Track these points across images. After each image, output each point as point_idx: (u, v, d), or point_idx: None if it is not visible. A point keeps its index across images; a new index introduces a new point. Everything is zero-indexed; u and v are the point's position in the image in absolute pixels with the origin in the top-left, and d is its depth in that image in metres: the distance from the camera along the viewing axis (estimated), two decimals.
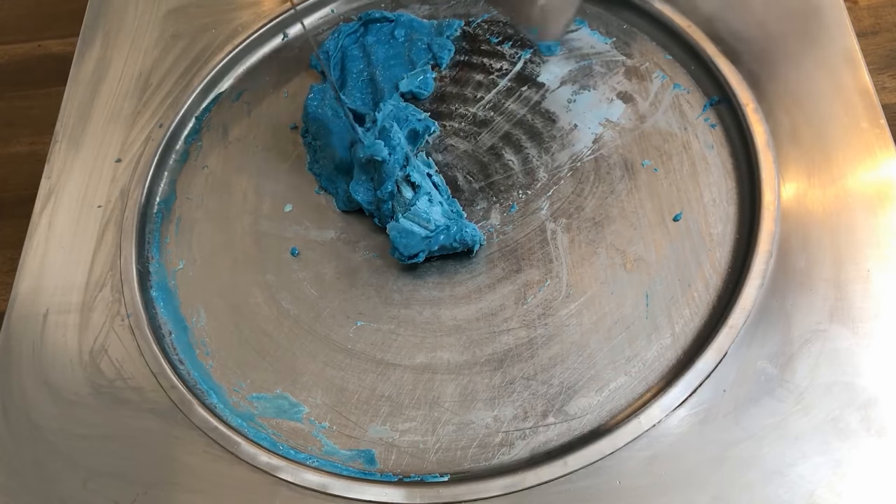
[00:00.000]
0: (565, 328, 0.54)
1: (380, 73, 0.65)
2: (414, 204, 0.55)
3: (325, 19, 0.71)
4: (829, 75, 0.58)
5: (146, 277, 0.61)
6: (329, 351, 0.56)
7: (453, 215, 0.57)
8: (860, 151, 0.55)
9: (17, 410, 0.55)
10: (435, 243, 0.55)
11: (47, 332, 0.58)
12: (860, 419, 0.47)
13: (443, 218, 0.55)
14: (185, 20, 0.73)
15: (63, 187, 0.65)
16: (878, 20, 0.88)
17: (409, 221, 0.55)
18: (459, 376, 0.53)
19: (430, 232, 0.55)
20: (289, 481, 0.50)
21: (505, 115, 0.63)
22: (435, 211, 0.55)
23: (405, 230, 0.55)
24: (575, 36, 0.66)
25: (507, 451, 0.50)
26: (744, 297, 0.51)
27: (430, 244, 0.55)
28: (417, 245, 0.55)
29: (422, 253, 0.55)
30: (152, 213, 0.64)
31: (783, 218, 0.54)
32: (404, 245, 0.55)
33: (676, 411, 0.49)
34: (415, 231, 0.55)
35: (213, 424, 0.52)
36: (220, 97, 0.69)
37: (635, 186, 0.58)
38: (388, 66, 0.66)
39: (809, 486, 0.45)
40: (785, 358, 0.49)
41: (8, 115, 0.89)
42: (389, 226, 0.56)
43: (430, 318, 0.56)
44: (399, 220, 0.55)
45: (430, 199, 0.56)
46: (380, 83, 0.64)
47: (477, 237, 0.56)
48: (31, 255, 0.62)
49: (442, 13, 0.69)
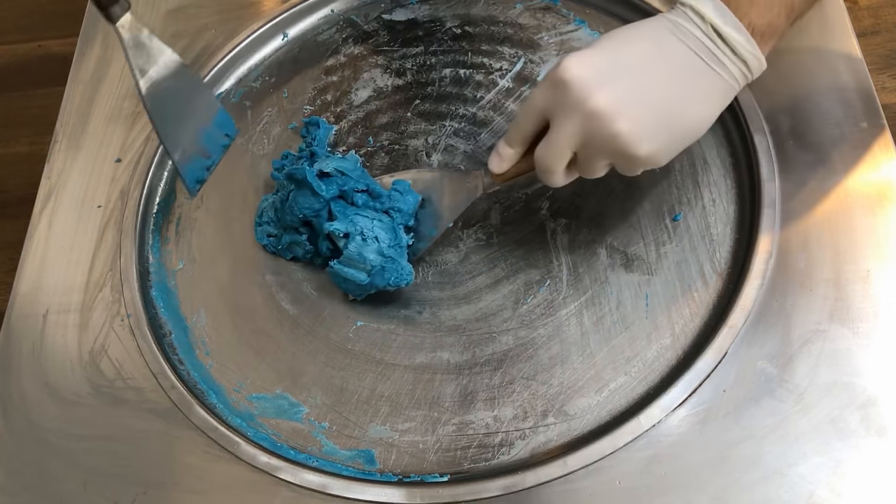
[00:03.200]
0: (565, 328, 0.54)
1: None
2: (346, 248, 0.54)
3: (326, 19, 0.71)
4: (829, 75, 0.58)
5: (146, 277, 0.61)
6: (329, 351, 0.56)
7: (393, 245, 0.54)
8: (860, 151, 0.55)
9: (17, 410, 0.55)
10: (372, 288, 0.54)
11: (47, 332, 0.58)
12: (860, 419, 0.47)
13: (378, 256, 0.53)
14: (185, 20, 0.73)
15: (63, 187, 0.65)
16: (878, 20, 0.88)
17: (344, 267, 0.54)
18: (459, 376, 0.53)
19: (368, 274, 0.53)
20: (289, 481, 0.50)
21: (505, 115, 0.63)
22: (370, 249, 0.53)
23: (342, 277, 0.54)
24: (575, 36, 0.66)
25: (507, 451, 0.50)
26: (744, 297, 0.51)
27: (369, 289, 0.54)
28: (357, 290, 0.55)
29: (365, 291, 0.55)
30: (152, 213, 0.64)
31: (783, 218, 0.54)
32: (346, 290, 0.56)
33: (676, 411, 0.49)
34: (353, 276, 0.54)
35: (213, 424, 0.52)
36: (220, 97, 0.69)
37: (635, 186, 0.58)
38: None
39: (809, 486, 0.45)
40: (785, 358, 0.49)
41: (8, 115, 0.89)
42: (328, 271, 0.55)
43: (429, 318, 0.56)
44: (334, 267, 0.54)
45: (363, 237, 0.54)
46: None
47: (404, 281, 0.54)
48: (31, 255, 0.62)
49: (441, 13, 0.69)
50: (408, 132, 0.64)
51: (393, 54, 0.68)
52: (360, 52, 0.69)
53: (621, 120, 0.45)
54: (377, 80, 0.67)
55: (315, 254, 0.58)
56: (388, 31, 0.70)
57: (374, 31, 0.70)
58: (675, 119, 0.46)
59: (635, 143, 0.45)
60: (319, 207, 0.55)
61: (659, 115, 0.46)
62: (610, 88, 0.45)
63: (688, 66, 0.46)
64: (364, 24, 0.70)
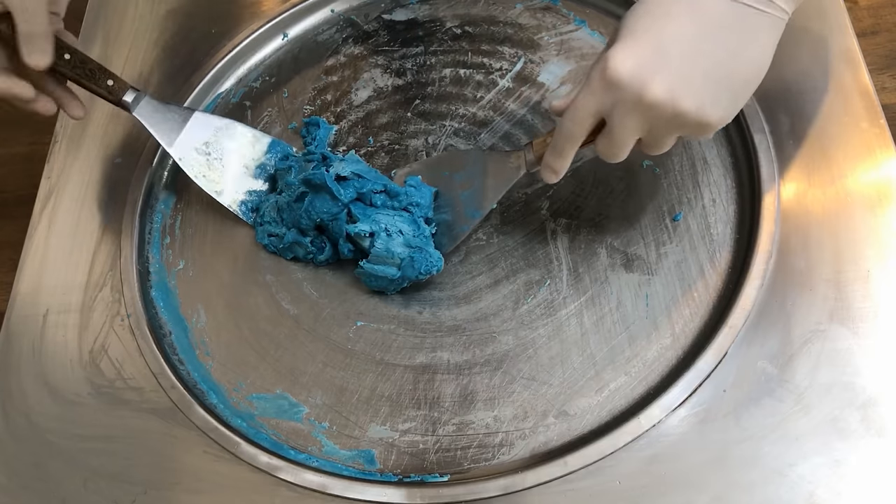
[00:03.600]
0: (565, 328, 0.54)
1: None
2: (372, 247, 0.54)
3: (326, 19, 0.71)
4: (829, 75, 0.58)
5: (146, 277, 0.61)
6: (329, 351, 0.56)
7: (417, 236, 0.55)
8: (860, 151, 0.55)
9: (17, 410, 0.55)
10: (405, 281, 0.55)
11: (47, 332, 0.58)
12: (860, 419, 0.47)
13: (405, 248, 0.54)
14: (185, 20, 0.73)
15: (63, 187, 0.65)
16: (878, 20, 0.88)
17: (373, 265, 0.54)
18: (459, 376, 0.53)
19: (398, 268, 0.54)
20: (289, 481, 0.50)
21: (505, 115, 0.63)
22: (396, 243, 0.54)
23: (373, 276, 0.55)
24: (575, 36, 0.66)
25: (507, 451, 0.50)
26: (744, 297, 0.51)
27: (401, 283, 0.55)
28: (391, 285, 0.56)
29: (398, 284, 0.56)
30: (152, 213, 0.64)
31: (783, 218, 0.54)
32: (378, 287, 0.56)
33: (676, 411, 0.49)
34: (384, 272, 0.54)
35: (213, 424, 0.52)
36: (220, 97, 0.69)
37: (635, 186, 0.58)
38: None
39: (809, 486, 0.45)
40: (785, 358, 0.49)
41: (8, 115, 0.89)
42: (358, 272, 0.56)
43: (430, 318, 0.56)
44: (364, 267, 0.55)
45: (387, 233, 0.54)
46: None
47: (435, 267, 0.55)
48: (31, 255, 0.62)
49: (442, 13, 0.69)
50: (408, 132, 0.64)
51: (393, 54, 0.68)
52: (360, 52, 0.69)
53: (682, 100, 0.43)
54: (377, 80, 0.67)
55: (315, 254, 0.58)
56: (388, 31, 0.70)
57: (374, 31, 0.70)
58: (734, 77, 0.45)
59: (703, 116, 0.44)
60: (338, 211, 0.55)
61: (717, 80, 0.44)
62: (663, 74, 0.43)
63: (732, 18, 0.43)
64: (364, 24, 0.70)
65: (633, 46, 0.44)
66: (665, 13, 0.44)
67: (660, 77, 0.43)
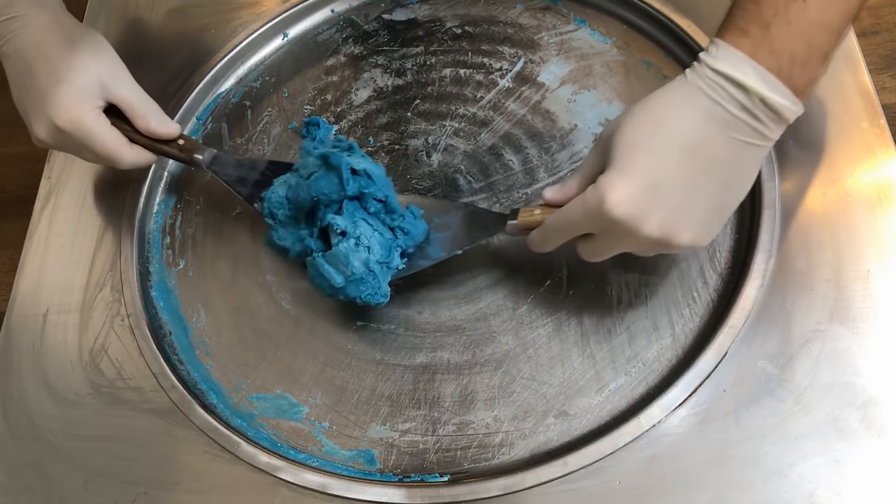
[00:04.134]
0: (565, 328, 0.54)
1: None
2: (336, 245, 0.52)
3: (326, 19, 0.71)
4: (830, 75, 0.58)
5: (146, 277, 0.61)
6: (329, 351, 0.56)
7: (381, 263, 0.53)
8: (860, 151, 0.55)
9: (17, 410, 0.55)
10: (342, 295, 0.53)
11: (47, 332, 0.58)
12: (860, 419, 0.47)
13: (363, 266, 0.52)
14: (185, 20, 0.73)
15: (63, 187, 0.65)
16: (878, 20, 0.88)
17: (325, 263, 0.52)
18: (459, 376, 0.53)
19: (346, 279, 0.52)
20: (289, 481, 0.50)
21: (505, 115, 0.63)
22: (358, 256, 0.52)
23: (318, 273, 0.53)
24: (575, 36, 0.66)
25: (507, 451, 0.50)
26: (744, 297, 0.51)
27: (338, 295, 0.53)
28: (328, 290, 0.53)
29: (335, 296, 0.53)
30: (152, 213, 0.64)
31: (783, 218, 0.54)
32: (317, 286, 0.54)
33: (676, 411, 0.49)
34: (330, 275, 0.52)
35: (213, 424, 0.52)
36: (220, 97, 0.69)
37: None
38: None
39: (809, 486, 0.45)
40: (785, 358, 0.49)
41: (8, 115, 0.89)
42: (308, 260, 0.54)
43: (430, 318, 0.56)
44: (316, 259, 0.53)
45: (357, 242, 0.52)
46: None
47: (376, 300, 0.53)
48: (31, 255, 0.62)
49: (442, 13, 0.69)
50: (408, 132, 0.64)
51: (393, 54, 0.68)
52: (360, 52, 0.69)
53: (677, 236, 0.44)
54: (377, 79, 0.67)
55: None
56: (388, 31, 0.70)
57: (374, 31, 0.70)
58: (726, 207, 0.46)
59: (695, 245, 0.45)
60: (336, 198, 0.54)
61: (711, 213, 0.45)
62: (660, 214, 0.43)
63: (732, 155, 0.44)
64: (364, 24, 0.70)
65: (631, 184, 0.43)
66: (669, 145, 0.44)
67: (656, 217, 0.44)
